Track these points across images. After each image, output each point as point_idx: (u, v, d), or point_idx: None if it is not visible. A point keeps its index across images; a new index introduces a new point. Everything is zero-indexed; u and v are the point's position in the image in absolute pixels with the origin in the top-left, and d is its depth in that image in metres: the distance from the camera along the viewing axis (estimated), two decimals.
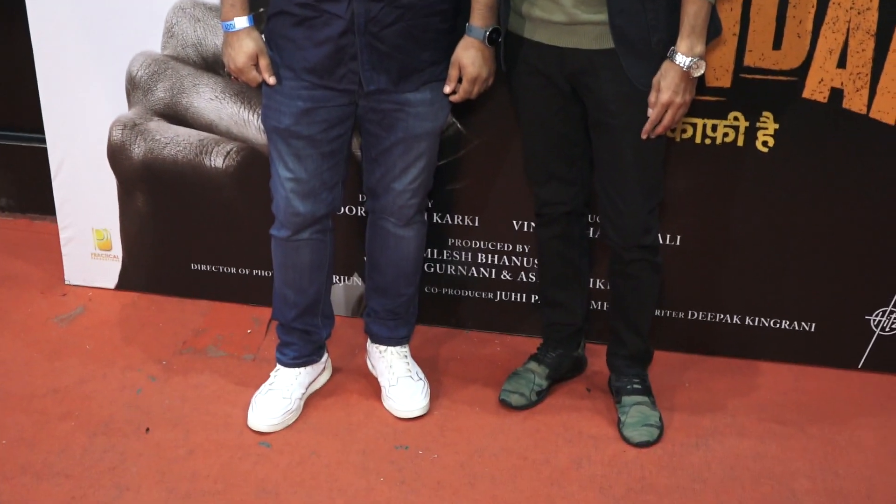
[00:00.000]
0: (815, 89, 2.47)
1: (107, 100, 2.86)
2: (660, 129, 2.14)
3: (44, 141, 2.98)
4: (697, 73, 2.07)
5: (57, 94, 2.89)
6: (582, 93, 2.21)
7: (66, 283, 3.13)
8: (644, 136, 2.14)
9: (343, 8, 2.09)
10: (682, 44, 2.05)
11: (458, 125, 2.66)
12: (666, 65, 2.07)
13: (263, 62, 2.20)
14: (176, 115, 2.85)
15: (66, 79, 2.86)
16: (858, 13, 2.38)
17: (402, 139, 2.29)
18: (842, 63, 2.43)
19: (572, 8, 2.07)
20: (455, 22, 2.24)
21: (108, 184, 2.97)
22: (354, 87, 2.18)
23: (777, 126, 2.52)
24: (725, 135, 2.55)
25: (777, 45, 2.43)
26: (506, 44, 2.22)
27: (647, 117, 2.13)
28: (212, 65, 2.77)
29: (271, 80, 2.21)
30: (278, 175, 2.31)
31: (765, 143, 2.54)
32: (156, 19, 2.74)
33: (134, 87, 2.84)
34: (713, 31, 2.15)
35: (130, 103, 2.86)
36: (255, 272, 2.98)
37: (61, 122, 2.92)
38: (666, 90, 2.07)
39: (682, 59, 2.05)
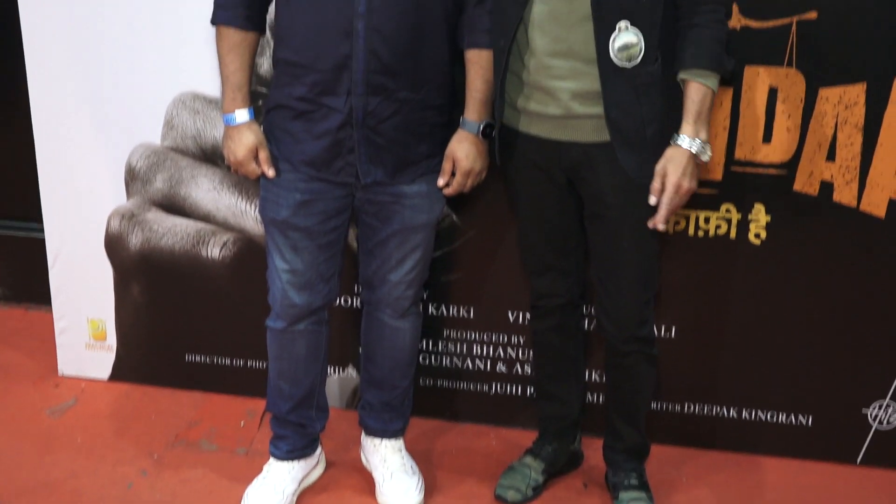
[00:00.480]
0: (805, 182, 2.50)
1: (106, 190, 2.88)
2: (663, 215, 2.11)
3: (41, 230, 3.00)
4: (705, 158, 2.09)
5: (56, 184, 2.91)
6: (578, 185, 2.23)
7: (59, 374, 3.10)
8: (652, 226, 2.12)
9: (342, 102, 2.12)
10: (688, 128, 2.07)
11: (454, 217, 2.69)
12: (671, 150, 2.09)
13: (263, 155, 2.23)
14: (174, 206, 2.87)
15: (66, 169, 2.88)
16: (846, 108, 2.42)
17: (399, 231, 2.30)
18: (831, 156, 2.47)
19: (569, 101, 2.10)
20: (450, 116, 2.28)
21: (104, 274, 2.97)
22: (352, 179, 2.20)
23: (769, 218, 2.54)
24: (718, 227, 2.57)
25: (767, 138, 2.47)
26: (501, 137, 2.24)
27: (644, 209, 2.14)
28: (210, 156, 2.80)
29: (270, 173, 2.23)
30: (275, 266, 2.31)
31: (757, 236, 2.56)
32: (156, 111, 2.78)
33: (133, 178, 2.87)
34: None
35: (129, 194, 2.88)
36: (249, 363, 2.97)
37: (60, 211, 2.94)
38: (674, 173, 2.07)
39: (689, 143, 2.07)
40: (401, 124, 2.17)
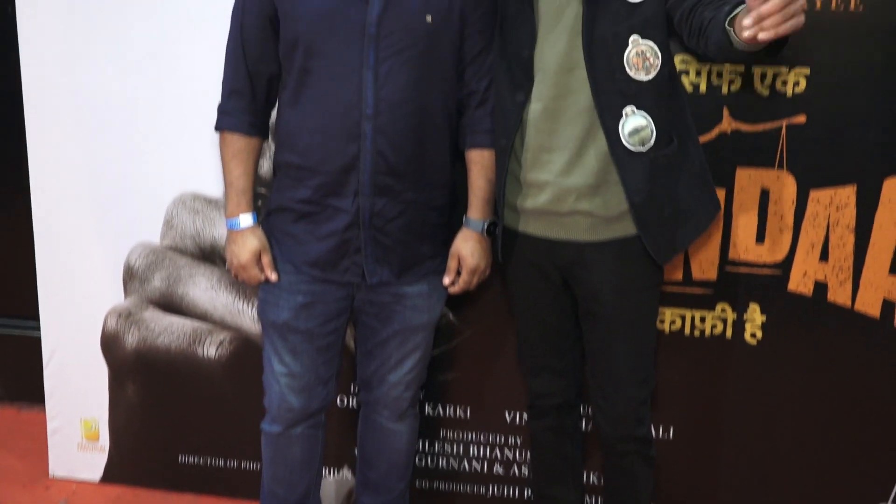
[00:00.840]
0: (799, 282, 2.52)
1: (104, 289, 2.89)
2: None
3: (37, 329, 2.99)
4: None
5: (55, 282, 2.91)
6: (573, 284, 2.24)
7: (51, 475, 3.05)
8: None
9: (349, 202, 2.13)
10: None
11: (451, 316, 2.69)
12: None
13: (266, 259, 2.22)
14: (171, 305, 2.87)
15: (64, 267, 2.89)
16: (837, 209, 2.46)
17: (399, 331, 2.29)
18: (824, 256, 2.49)
19: (563, 195, 2.11)
20: (450, 216, 2.30)
21: (99, 373, 2.95)
22: (357, 279, 2.20)
23: (764, 318, 2.55)
24: (714, 326, 2.58)
25: (760, 238, 2.50)
26: (501, 237, 2.26)
27: (638, 307, 2.15)
28: (209, 255, 2.82)
29: (273, 277, 2.23)
30: (273, 370, 2.29)
31: (753, 335, 2.56)
32: (156, 210, 2.80)
33: (131, 277, 2.88)
34: (713, 209, 2.23)
35: (127, 293, 2.89)
36: (244, 465, 2.93)
37: (57, 309, 2.94)
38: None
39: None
40: (405, 225, 2.18)
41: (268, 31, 2.15)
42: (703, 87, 2.42)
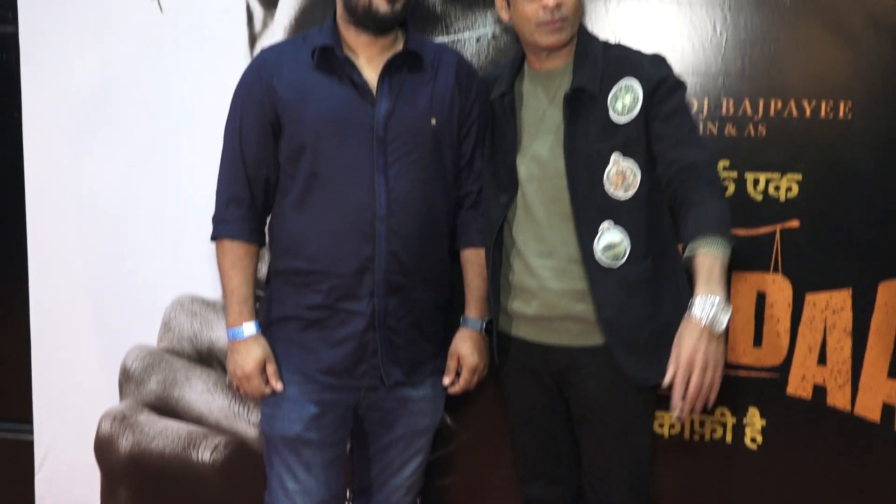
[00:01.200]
0: (798, 386, 2.53)
1: (99, 392, 2.89)
2: (677, 397, 1.79)
3: (29, 433, 2.98)
4: (719, 325, 1.79)
5: (49, 385, 2.92)
6: (566, 389, 2.23)
7: None
8: (675, 418, 1.85)
9: (364, 305, 2.11)
10: (700, 290, 1.82)
11: (448, 419, 2.69)
12: (684, 323, 1.82)
13: (271, 368, 2.16)
14: (166, 408, 2.87)
15: (60, 369, 2.91)
16: (833, 312, 2.49)
17: (403, 436, 2.27)
18: (822, 360, 2.51)
19: (554, 301, 2.12)
20: (448, 316, 2.30)
21: (91, 478, 2.93)
22: (375, 382, 2.16)
23: (764, 422, 2.55)
24: (714, 431, 2.57)
25: (758, 342, 2.53)
26: (496, 341, 2.26)
27: (633, 412, 2.14)
28: (206, 358, 2.83)
29: (279, 387, 2.16)
30: (284, 489, 2.18)
31: (753, 440, 2.56)
32: (153, 313, 2.83)
33: (127, 380, 2.88)
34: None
35: (122, 395, 2.89)
36: None
37: (51, 412, 2.94)
38: (686, 348, 1.79)
39: (700, 307, 1.80)
40: (413, 323, 2.18)
41: (268, 136, 2.15)
42: None
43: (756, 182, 2.47)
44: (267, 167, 2.17)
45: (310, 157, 2.10)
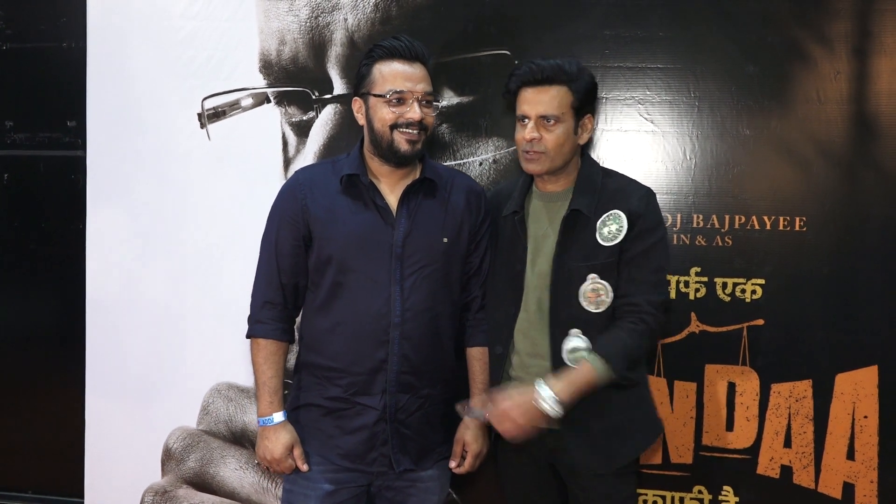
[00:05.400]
0: (767, 466, 2.78)
1: (143, 468, 3.14)
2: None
3: None
4: (549, 411, 2.13)
5: (99, 462, 3.19)
6: (559, 468, 2.36)
7: None
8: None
9: (377, 400, 2.30)
10: (554, 381, 2.15)
11: (453, 494, 2.92)
12: (525, 387, 2.17)
13: (297, 452, 2.32)
14: (203, 483, 3.11)
15: (110, 448, 3.18)
16: (796, 401, 2.76)
17: None
18: (788, 443, 2.76)
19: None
20: (454, 408, 2.46)
21: None
22: (385, 468, 2.32)
23: (738, 499, 2.80)
24: None
25: (730, 426, 2.79)
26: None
27: (619, 492, 2.29)
28: (239, 438, 3.08)
29: (305, 468, 2.32)
30: None
31: None
32: (194, 398, 3.11)
33: (168, 458, 3.13)
34: (652, 433, 2.36)
35: (164, 472, 3.14)
36: None
37: (100, 487, 3.19)
38: (506, 400, 2.16)
39: (544, 390, 2.13)
40: (423, 417, 2.35)
41: (300, 248, 2.33)
42: (672, 294, 2.79)
43: (724, 285, 2.76)
44: (298, 275, 2.36)
45: (336, 268, 2.29)
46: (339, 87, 2.95)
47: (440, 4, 2.90)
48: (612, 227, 2.25)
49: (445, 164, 2.87)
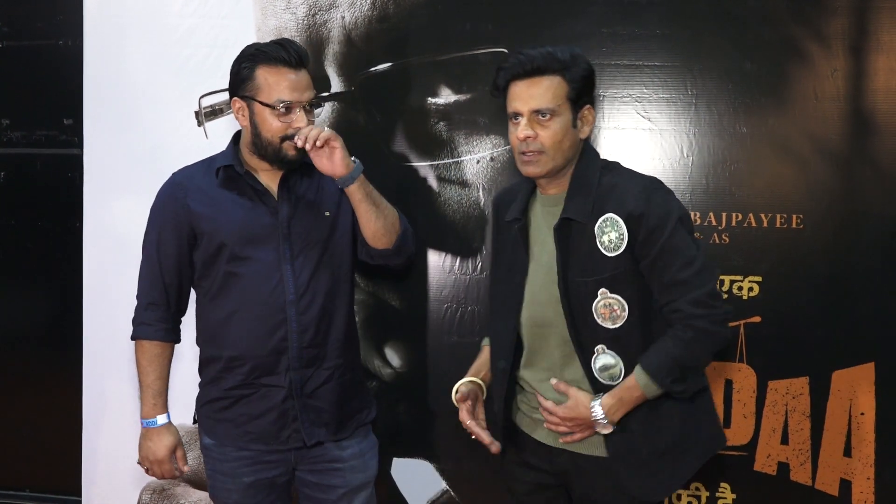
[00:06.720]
0: (764, 463, 2.79)
1: (140, 467, 3.05)
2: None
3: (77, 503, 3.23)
4: (602, 431, 2.11)
5: (96, 461, 3.20)
6: (570, 489, 2.24)
7: None
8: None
9: (282, 378, 2.34)
10: (608, 401, 2.08)
11: (451, 492, 2.92)
12: (586, 398, 2.10)
13: (180, 453, 2.42)
14: (201, 481, 3.10)
15: (106, 446, 3.19)
16: (793, 398, 2.77)
17: (344, 495, 2.43)
18: (785, 440, 2.77)
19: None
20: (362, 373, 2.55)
21: None
22: (299, 444, 2.37)
23: (735, 496, 2.81)
24: (689, 503, 2.84)
25: (727, 423, 2.79)
26: (505, 434, 2.27)
27: None
28: None
29: (185, 468, 2.43)
30: None
31: None
32: (190, 396, 2.92)
33: None
34: (711, 445, 2.22)
35: None
36: None
37: (97, 486, 3.21)
38: (568, 411, 2.11)
39: (601, 414, 2.08)
40: (337, 387, 2.40)
41: (183, 247, 2.37)
42: None
43: (722, 283, 2.76)
44: (182, 275, 2.40)
45: (226, 258, 2.33)
46: (336, 85, 2.96)
47: (437, 2, 2.90)
48: (611, 236, 2.07)
49: (443, 162, 2.88)
